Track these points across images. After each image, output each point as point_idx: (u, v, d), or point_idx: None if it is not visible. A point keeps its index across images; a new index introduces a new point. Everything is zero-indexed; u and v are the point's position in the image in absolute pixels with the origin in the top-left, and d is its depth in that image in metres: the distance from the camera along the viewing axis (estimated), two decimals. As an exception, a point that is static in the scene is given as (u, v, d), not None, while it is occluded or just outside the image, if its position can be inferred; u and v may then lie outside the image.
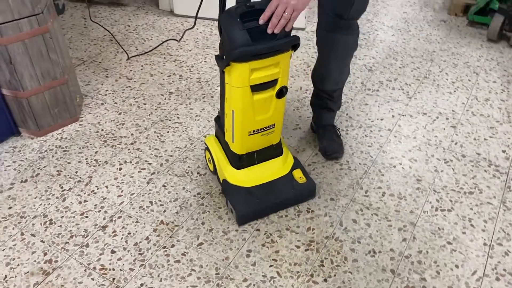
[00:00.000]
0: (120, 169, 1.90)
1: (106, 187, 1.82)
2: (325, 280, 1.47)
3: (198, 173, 1.88)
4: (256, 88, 1.47)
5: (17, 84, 1.88)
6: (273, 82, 1.49)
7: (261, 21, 1.35)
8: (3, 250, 1.57)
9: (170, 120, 2.17)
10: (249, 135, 1.59)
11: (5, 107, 1.97)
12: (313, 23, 3.00)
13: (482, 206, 1.73)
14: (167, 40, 2.82)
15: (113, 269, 1.51)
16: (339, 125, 2.13)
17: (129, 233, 1.63)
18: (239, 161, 1.67)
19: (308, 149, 2.00)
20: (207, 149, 1.81)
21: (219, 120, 1.73)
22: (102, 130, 2.12)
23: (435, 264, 1.52)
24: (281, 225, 1.65)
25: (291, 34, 1.42)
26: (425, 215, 1.70)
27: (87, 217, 1.69)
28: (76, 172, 1.89)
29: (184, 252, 1.56)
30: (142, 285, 1.46)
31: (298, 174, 1.72)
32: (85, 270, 1.51)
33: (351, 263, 1.53)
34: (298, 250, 1.57)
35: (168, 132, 2.10)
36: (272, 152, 1.71)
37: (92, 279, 1.48)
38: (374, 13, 3.17)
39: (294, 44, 1.43)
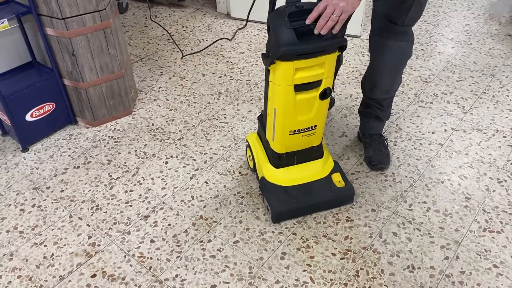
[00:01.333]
0: (166, 163, 1.96)
1: (152, 179, 1.88)
2: (359, 290, 1.44)
3: (240, 172, 1.90)
4: (300, 88, 1.46)
5: (77, 75, 2.00)
6: (317, 83, 1.48)
7: (307, 21, 1.34)
8: (52, 230, 1.67)
9: (217, 120, 2.22)
10: (289, 134, 1.58)
11: (66, 97, 2.09)
12: (369, 31, 2.95)
13: (536, 231, 1.62)
14: (218, 40, 2.88)
15: (151, 258, 1.56)
16: (387, 135, 2.08)
17: (169, 225, 1.68)
18: (278, 160, 1.68)
19: (352, 158, 1.97)
20: (248, 146, 1.83)
21: (262, 119, 1.74)
22: (153, 124, 2.19)
23: (478, 287, 1.44)
24: (318, 231, 1.64)
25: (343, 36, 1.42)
26: (472, 235, 1.61)
27: (131, 206, 1.76)
28: (125, 163, 1.97)
29: (220, 248, 1.58)
30: (177, 276, 1.49)
31: (337, 178, 1.70)
32: (124, 256, 1.57)
33: (387, 276, 1.48)
34: (333, 258, 1.54)
35: (214, 131, 2.14)
36: (312, 153, 1.70)
37: (131, 265, 1.54)
38: (434, 24, 3.07)
39: (340, 45, 1.41)
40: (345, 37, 1.43)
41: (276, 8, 1.44)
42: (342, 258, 1.54)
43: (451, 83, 2.46)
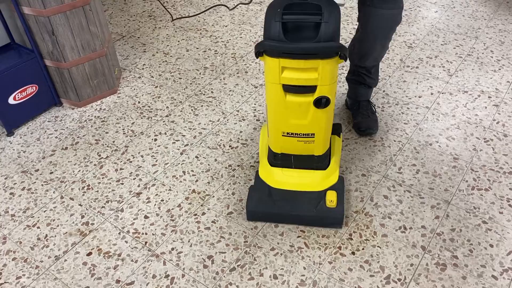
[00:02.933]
0: (155, 140, 1.95)
1: (142, 156, 1.87)
2: (353, 253, 1.46)
3: (230, 146, 1.90)
4: (289, 89, 1.33)
5: (59, 55, 1.95)
6: (311, 88, 1.32)
7: None
8: (44, 212, 1.66)
9: (204, 94, 2.20)
10: (282, 135, 1.46)
11: (48, 78, 2.05)
12: (356, 0, 2.93)
13: (522, 187, 1.66)
14: (217, 5, 2.84)
15: (146, 233, 1.56)
16: (375, 101, 2.09)
17: (162, 200, 1.68)
18: (274, 159, 1.57)
19: (343, 123, 1.97)
20: None
21: None
22: (139, 102, 2.17)
23: (468, 243, 1.48)
24: (310, 198, 1.65)
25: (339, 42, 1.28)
26: (461, 193, 1.65)
27: (122, 184, 1.75)
28: (113, 142, 1.95)
29: (214, 220, 1.59)
30: (173, 249, 1.50)
31: (330, 197, 1.50)
32: (119, 233, 1.57)
33: (380, 237, 1.51)
34: (327, 223, 1.56)
35: (202, 106, 2.13)
36: (312, 162, 1.54)
37: (126, 241, 1.54)
38: (417, -11, 3.05)
39: (336, 52, 1.25)
40: (342, 44, 1.27)
41: None
42: (335, 223, 1.56)
43: (436, 47, 2.46)
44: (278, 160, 1.57)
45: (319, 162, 1.54)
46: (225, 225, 1.57)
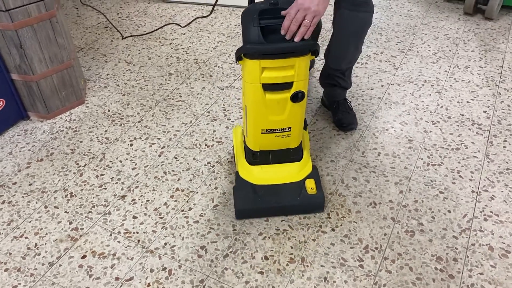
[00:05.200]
0: (131, 145, 2.01)
1: (120, 161, 1.92)
2: (333, 229, 1.62)
3: (206, 145, 2.00)
4: (269, 87, 1.46)
5: (27, 68, 1.96)
6: (288, 85, 1.46)
7: (282, 31, 1.36)
8: (29, 222, 1.67)
9: (173, 99, 2.28)
10: (262, 133, 1.57)
11: (15, 92, 2.04)
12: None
13: (468, 160, 1.90)
14: (168, 24, 2.91)
15: (137, 232, 1.63)
16: (332, 96, 2.27)
17: (147, 200, 1.74)
18: (253, 157, 1.67)
19: (307, 116, 2.13)
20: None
21: None
22: (109, 110, 2.21)
23: (430, 211, 1.68)
24: (288, 186, 1.79)
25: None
26: (418, 170, 1.86)
27: (105, 188, 1.80)
28: (89, 150, 1.98)
29: (202, 213, 1.69)
30: (166, 244, 1.58)
31: (310, 184, 1.65)
32: (110, 235, 1.62)
33: (355, 214, 1.68)
34: (306, 206, 1.71)
35: (172, 110, 2.21)
36: (289, 155, 1.67)
37: (118, 241, 1.59)
38: (356, -7, 3.31)
39: (312, 49, 1.41)
40: (315, 42, 1.42)
41: (251, 4, 1.47)
42: (313, 205, 1.71)
43: (380, 44, 2.71)
44: (256, 158, 1.67)
45: (295, 154, 1.68)
46: (213, 217, 1.67)
